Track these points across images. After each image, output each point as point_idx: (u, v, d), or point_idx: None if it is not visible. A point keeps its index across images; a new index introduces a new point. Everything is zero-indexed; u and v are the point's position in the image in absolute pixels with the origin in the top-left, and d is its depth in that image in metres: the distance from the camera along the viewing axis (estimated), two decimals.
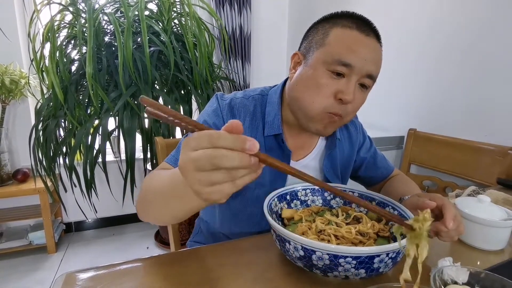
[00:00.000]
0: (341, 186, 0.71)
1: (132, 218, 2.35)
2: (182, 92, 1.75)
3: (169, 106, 1.59)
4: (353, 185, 0.73)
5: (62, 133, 1.64)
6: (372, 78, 0.60)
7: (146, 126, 1.63)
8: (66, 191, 1.96)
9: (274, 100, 0.70)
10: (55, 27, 1.50)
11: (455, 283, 0.42)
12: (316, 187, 0.69)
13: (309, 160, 0.75)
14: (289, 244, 0.47)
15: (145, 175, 1.97)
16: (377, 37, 0.60)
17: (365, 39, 0.57)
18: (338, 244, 0.51)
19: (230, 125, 0.31)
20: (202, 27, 1.68)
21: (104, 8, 1.61)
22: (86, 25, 1.37)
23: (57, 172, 1.67)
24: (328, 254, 0.43)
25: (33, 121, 1.90)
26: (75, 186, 1.64)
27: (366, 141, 0.85)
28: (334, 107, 0.59)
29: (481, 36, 1.27)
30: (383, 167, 0.86)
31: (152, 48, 1.62)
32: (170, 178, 0.45)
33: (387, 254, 0.44)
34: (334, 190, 0.36)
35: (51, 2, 1.55)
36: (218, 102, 0.70)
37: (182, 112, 1.64)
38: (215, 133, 0.30)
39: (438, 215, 0.56)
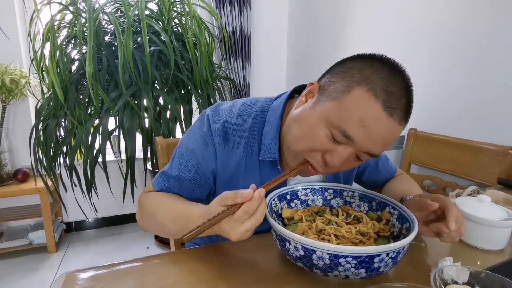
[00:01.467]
0: (341, 186, 0.70)
1: (132, 218, 2.35)
2: (182, 91, 1.75)
3: (169, 106, 1.59)
4: (352, 185, 0.73)
5: (62, 133, 1.64)
6: (372, 156, 0.54)
7: (146, 125, 1.63)
8: (66, 190, 1.96)
9: (273, 120, 0.64)
10: (55, 26, 1.50)
11: (456, 283, 0.42)
12: (317, 187, 0.69)
13: None
14: (289, 243, 0.47)
15: (145, 175, 1.97)
16: (405, 115, 0.50)
17: (383, 119, 0.48)
18: (338, 244, 0.51)
19: (246, 199, 0.45)
20: (202, 27, 1.67)
21: (104, 8, 1.61)
22: (86, 24, 1.36)
23: (57, 171, 1.67)
24: (328, 253, 0.43)
25: (33, 121, 1.90)
26: (75, 185, 1.64)
27: None
28: (317, 160, 0.55)
29: (481, 36, 1.26)
30: (386, 170, 0.85)
31: (152, 48, 1.62)
32: (182, 221, 0.56)
33: (387, 254, 0.44)
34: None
35: (51, 1, 1.55)
36: (210, 125, 0.64)
37: (182, 112, 1.65)
38: (247, 209, 0.45)
39: (440, 216, 0.56)
